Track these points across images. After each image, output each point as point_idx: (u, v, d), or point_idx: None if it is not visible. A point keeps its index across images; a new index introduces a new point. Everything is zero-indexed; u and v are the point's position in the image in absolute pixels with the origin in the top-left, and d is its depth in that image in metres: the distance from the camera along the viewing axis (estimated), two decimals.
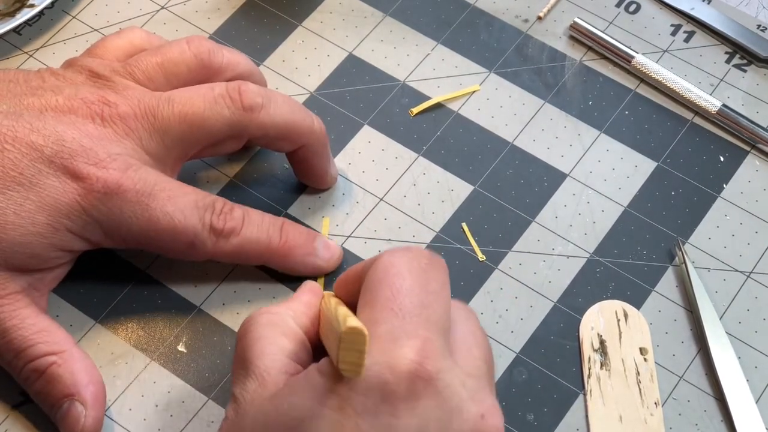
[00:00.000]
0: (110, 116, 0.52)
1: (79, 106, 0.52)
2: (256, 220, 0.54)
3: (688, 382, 0.55)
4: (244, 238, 0.53)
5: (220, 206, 0.53)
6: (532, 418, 0.54)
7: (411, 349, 0.43)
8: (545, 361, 0.55)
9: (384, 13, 0.66)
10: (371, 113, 0.63)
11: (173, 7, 0.66)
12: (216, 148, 0.56)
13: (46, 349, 0.51)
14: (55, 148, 0.51)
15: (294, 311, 0.50)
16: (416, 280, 0.46)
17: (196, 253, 0.53)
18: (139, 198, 0.51)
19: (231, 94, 0.54)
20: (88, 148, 0.51)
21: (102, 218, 0.51)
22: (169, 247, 0.53)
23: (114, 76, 0.54)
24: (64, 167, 0.50)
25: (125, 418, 0.53)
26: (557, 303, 0.57)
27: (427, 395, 0.43)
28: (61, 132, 0.51)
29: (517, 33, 0.66)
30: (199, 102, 0.53)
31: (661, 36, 0.66)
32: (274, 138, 0.55)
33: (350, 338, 0.42)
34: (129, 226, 0.51)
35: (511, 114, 0.63)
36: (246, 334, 0.49)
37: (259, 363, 0.47)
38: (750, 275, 0.58)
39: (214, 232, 0.52)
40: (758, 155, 0.62)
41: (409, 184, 0.61)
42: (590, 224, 0.59)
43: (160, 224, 0.51)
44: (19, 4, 0.65)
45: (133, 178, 0.51)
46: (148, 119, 0.53)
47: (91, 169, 0.50)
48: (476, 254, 0.58)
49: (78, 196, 0.50)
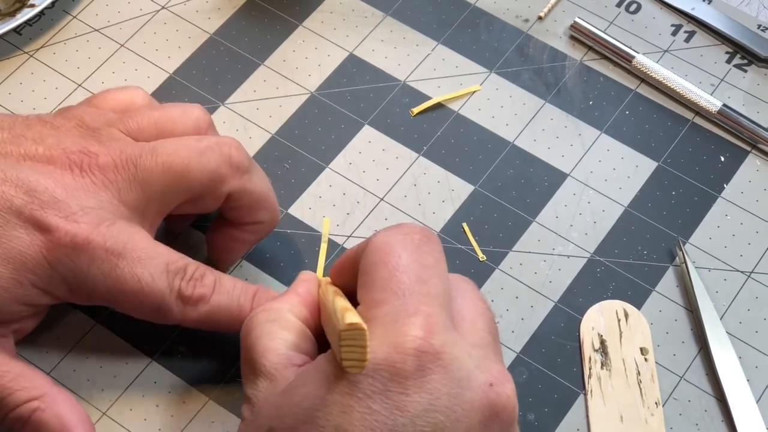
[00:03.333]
0: (89, 166, 0.50)
1: (59, 156, 0.50)
2: (227, 288, 0.52)
3: (689, 382, 0.55)
4: (213, 306, 0.51)
5: (191, 271, 0.51)
6: (532, 417, 0.54)
7: (414, 327, 0.44)
8: (546, 361, 0.55)
9: (384, 13, 0.66)
10: (372, 113, 0.63)
11: (174, 6, 0.66)
12: (194, 205, 0.53)
13: (26, 396, 0.49)
14: (26, 199, 0.49)
15: (291, 304, 0.50)
16: (411, 256, 0.46)
17: (162, 318, 0.51)
18: (108, 256, 0.49)
19: (220, 148, 0.52)
20: (61, 200, 0.49)
21: (68, 274, 0.49)
22: (135, 308, 0.51)
23: (102, 127, 0.52)
24: (33, 218, 0.48)
25: (126, 418, 0.53)
26: (558, 303, 0.57)
27: (434, 370, 0.43)
28: (34, 182, 0.49)
29: (517, 33, 0.66)
30: (185, 152, 0.51)
31: (661, 36, 0.66)
32: (248, 205, 0.54)
33: (350, 335, 0.42)
34: (94, 284, 0.49)
35: (512, 114, 0.63)
36: (248, 334, 0.49)
37: (265, 361, 0.47)
38: (750, 275, 0.58)
39: (181, 299, 0.50)
40: (759, 155, 0.62)
41: (410, 184, 0.61)
42: (591, 224, 0.59)
43: (126, 285, 0.49)
44: (20, 4, 0.65)
45: (105, 235, 0.49)
46: (128, 169, 0.51)
47: (60, 222, 0.48)
48: (477, 254, 0.58)
49: (44, 249, 0.48)
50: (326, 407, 0.44)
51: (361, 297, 0.47)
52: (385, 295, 0.45)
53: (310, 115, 0.63)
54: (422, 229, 0.48)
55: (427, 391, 0.43)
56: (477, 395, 0.44)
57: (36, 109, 0.62)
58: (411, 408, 0.43)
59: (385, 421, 0.43)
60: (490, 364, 0.45)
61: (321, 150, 0.62)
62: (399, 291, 0.45)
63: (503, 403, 0.45)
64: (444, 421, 0.43)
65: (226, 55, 0.65)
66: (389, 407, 0.43)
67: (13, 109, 0.62)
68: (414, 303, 0.45)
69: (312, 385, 0.44)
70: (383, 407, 0.43)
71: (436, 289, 0.46)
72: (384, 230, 0.48)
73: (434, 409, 0.43)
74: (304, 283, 0.51)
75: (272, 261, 0.58)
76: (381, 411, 0.43)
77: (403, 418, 0.43)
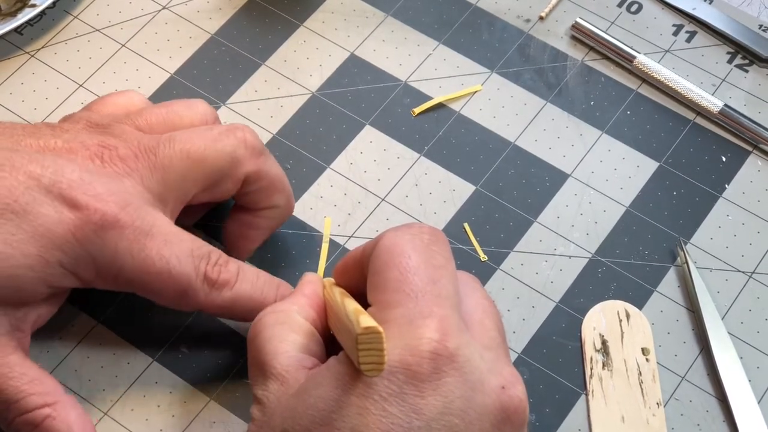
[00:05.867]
0: (110, 158, 0.51)
1: (78, 148, 0.51)
2: (250, 276, 0.52)
3: (690, 382, 0.55)
4: (236, 293, 0.52)
5: (215, 257, 0.51)
6: (534, 418, 0.54)
7: (429, 329, 0.44)
8: (547, 362, 0.55)
9: (386, 13, 0.66)
10: (373, 113, 0.63)
11: (175, 7, 0.66)
12: (212, 191, 0.54)
13: (39, 401, 0.49)
14: (54, 178, 0.48)
15: (299, 305, 0.50)
16: (421, 257, 0.46)
17: (187, 302, 0.51)
18: (137, 236, 0.49)
19: (234, 133, 0.53)
20: (88, 182, 0.49)
21: (96, 253, 0.49)
22: (160, 291, 0.51)
23: (113, 123, 0.53)
24: (61, 196, 0.48)
25: (127, 418, 0.53)
26: (559, 303, 0.57)
27: (449, 373, 0.44)
28: (61, 164, 0.49)
29: (518, 33, 0.66)
30: (200, 140, 0.52)
31: (662, 36, 0.66)
32: (263, 186, 0.54)
33: (367, 339, 0.42)
34: (122, 264, 0.49)
35: (513, 114, 0.63)
36: (256, 336, 0.49)
37: (275, 363, 0.47)
38: (752, 275, 0.58)
39: (207, 282, 0.51)
40: (760, 155, 0.62)
41: (411, 184, 0.61)
42: (592, 224, 0.59)
43: (154, 267, 0.49)
44: (21, 4, 0.65)
45: (132, 215, 0.49)
46: (148, 158, 0.51)
47: (89, 199, 0.48)
48: (478, 254, 0.58)
49: (73, 227, 0.48)
50: (342, 409, 0.44)
51: (372, 299, 0.46)
52: (397, 297, 0.45)
53: (311, 116, 0.63)
54: (431, 229, 0.48)
55: (442, 394, 0.43)
56: (490, 398, 0.44)
57: (37, 109, 0.62)
58: (426, 411, 0.43)
59: (401, 423, 0.43)
60: (502, 366, 0.46)
61: (322, 150, 0.62)
62: (412, 293, 0.45)
63: (515, 405, 0.45)
64: (459, 424, 0.43)
65: (227, 55, 0.65)
66: (405, 410, 0.43)
67: (15, 110, 0.62)
68: (427, 305, 0.45)
69: (326, 387, 0.44)
70: (399, 410, 0.43)
71: (447, 289, 0.46)
72: (392, 230, 0.48)
73: (449, 412, 0.43)
74: (310, 284, 0.51)
75: (273, 261, 0.58)
76: (397, 414, 0.43)
77: (419, 420, 0.43)
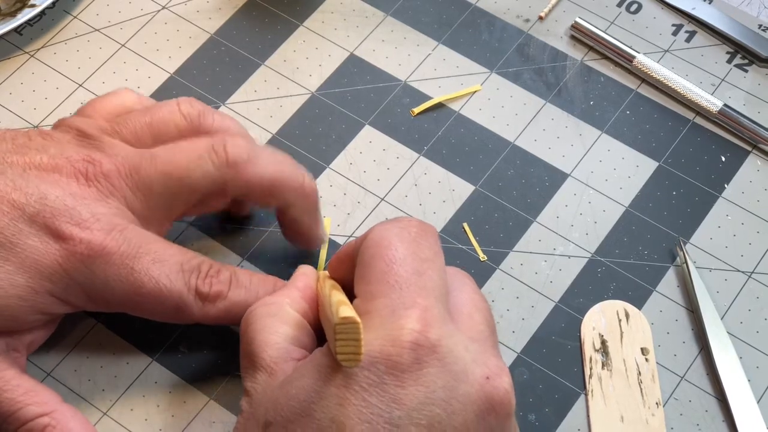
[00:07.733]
0: (94, 174, 0.50)
1: (63, 165, 0.50)
2: (244, 282, 0.52)
3: (690, 382, 0.55)
4: (231, 301, 0.51)
5: (206, 269, 0.51)
6: (533, 418, 0.54)
7: (411, 319, 0.44)
8: (546, 362, 0.55)
9: (385, 13, 0.66)
10: (372, 113, 0.63)
11: (174, 7, 0.66)
12: (202, 206, 0.54)
13: (37, 411, 0.49)
14: (38, 207, 0.49)
15: (290, 297, 0.50)
16: (408, 249, 0.47)
17: (182, 318, 0.51)
18: (124, 260, 0.49)
19: (216, 149, 0.52)
20: (71, 207, 0.49)
21: (85, 281, 0.49)
22: (154, 311, 0.51)
23: (101, 135, 0.52)
24: (46, 227, 0.48)
25: (127, 418, 0.53)
26: (558, 303, 0.57)
27: (431, 363, 0.44)
28: (44, 190, 0.49)
29: (518, 33, 0.66)
30: (183, 158, 0.52)
31: (662, 36, 0.66)
32: (260, 195, 0.53)
33: (345, 329, 0.43)
34: (113, 289, 0.49)
35: (513, 114, 0.63)
36: (248, 327, 0.49)
37: (264, 355, 0.47)
38: (751, 275, 0.58)
39: (200, 297, 0.51)
40: (759, 155, 0.62)
41: (411, 184, 0.61)
42: (591, 224, 0.59)
43: (145, 288, 0.50)
44: (21, 4, 0.65)
45: (118, 240, 0.49)
46: (131, 177, 0.51)
47: (74, 229, 0.49)
48: (477, 254, 0.58)
49: (60, 257, 0.48)
50: (322, 400, 0.44)
51: (358, 290, 0.47)
52: (381, 288, 0.45)
53: (310, 115, 0.63)
54: (419, 222, 0.48)
55: (423, 384, 0.43)
56: (473, 388, 0.44)
57: (37, 109, 0.62)
58: (407, 401, 0.43)
59: (381, 413, 0.43)
60: (487, 358, 0.45)
61: (322, 150, 0.62)
62: (396, 284, 0.45)
63: (500, 396, 0.45)
64: (440, 413, 0.43)
65: (227, 55, 0.65)
66: (386, 400, 0.43)
67: (15, 110, 0.62)
68: (411, 295, 0.45)
69: (308, 378, 0.45)
70: (379, 400, 0.43)
71: (432, 281, 0.46)
72: (381, 224, 0.48)
73: (430, 402, 0.43)
74: (303, 276, 0.52)
75: (272, 261, 0.58)
76: (377, 404, 0.43)
77: (399, 410, 0.43)
